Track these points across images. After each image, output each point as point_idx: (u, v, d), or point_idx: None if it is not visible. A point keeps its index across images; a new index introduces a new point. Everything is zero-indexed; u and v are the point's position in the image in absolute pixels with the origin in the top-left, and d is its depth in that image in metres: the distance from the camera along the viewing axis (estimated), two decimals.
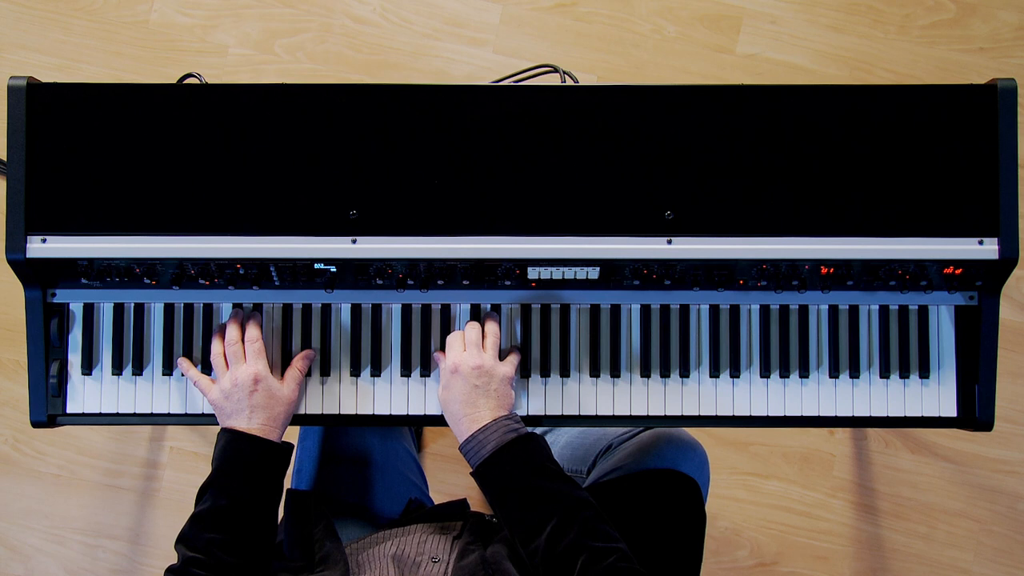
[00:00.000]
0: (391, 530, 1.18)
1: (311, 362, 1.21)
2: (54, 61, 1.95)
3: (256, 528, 1.08)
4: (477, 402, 1.11)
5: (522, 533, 1.04)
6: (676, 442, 1.30)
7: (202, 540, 1.04)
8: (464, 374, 1.12)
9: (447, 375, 1.14)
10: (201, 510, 1.07)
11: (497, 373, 1.13)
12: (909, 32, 1.96)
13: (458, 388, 1.12)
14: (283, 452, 1.13)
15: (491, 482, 1.07)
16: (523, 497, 1.04)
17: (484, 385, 1.11)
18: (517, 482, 1.05)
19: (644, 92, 1.15)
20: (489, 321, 1.19)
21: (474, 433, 1.09)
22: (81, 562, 1.90)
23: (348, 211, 1.13)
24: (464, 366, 1.12)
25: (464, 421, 1.10)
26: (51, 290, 1.20)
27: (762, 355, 1.21)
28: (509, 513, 1.05)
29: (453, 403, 1.12)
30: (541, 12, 1.97)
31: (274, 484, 1.11)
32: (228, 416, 1.13)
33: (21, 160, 1.12)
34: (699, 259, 1.14)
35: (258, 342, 1.16)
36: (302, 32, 1.97)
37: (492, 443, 1.07)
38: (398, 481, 1.36)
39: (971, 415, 1.20)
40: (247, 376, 1.13)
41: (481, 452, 1.07)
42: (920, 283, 1.17)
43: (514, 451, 1.06)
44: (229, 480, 1.08)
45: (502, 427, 1.08)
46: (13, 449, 1.91)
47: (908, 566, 1.90)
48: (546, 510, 1.02)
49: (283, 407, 1.15)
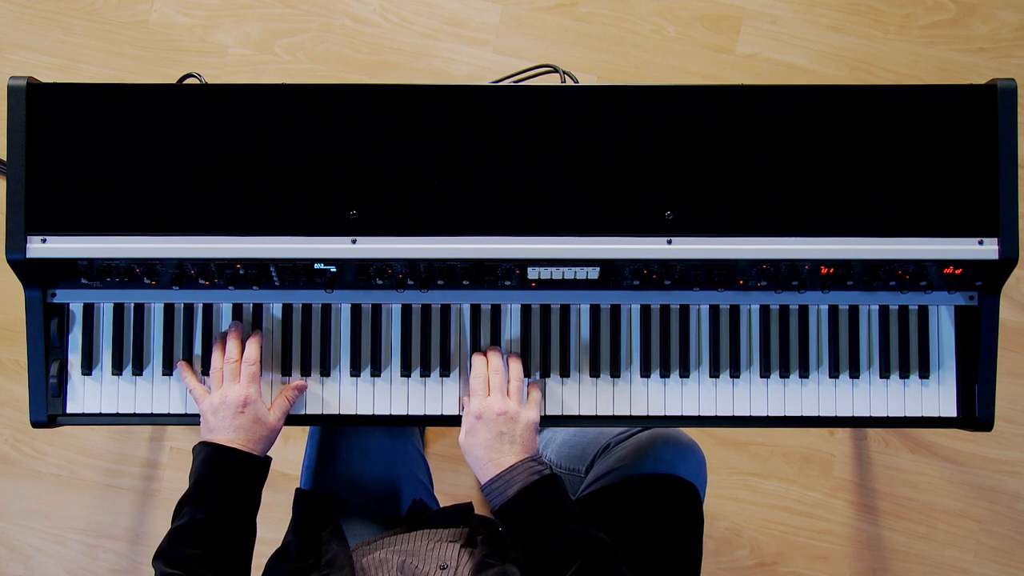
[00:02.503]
0: (397, 535, 1.18)
1: (302, 393, 1.21)
2: (54, 61, 1.95)
3: (235, 541, 1.09)
4: (502, 448, 1.10)
5: (543, 572, 1.05)
6: (674, 444, 1.30)
7: (181, 556, 1.04)
8: (488, 420, 1.11)
9: (471, 420, 1.13)
10: (179, 525, 1.06)
11: (522, 419, 1.12)
12: (909, 32, 1.96)
13: (483, 435, 1.11)
14: (262, 465, 1.14)
15: (515, 521, 1.08)
16: (546, 537, 1.05)
17: (509, 432, 1.11)
18: (541, 522, 1.06)
19: (644, 92, 1.15)
20: (513, 362, 1.18)
21: (500, 474, 1.09)
22: (81, 562, 1.90)
23: (348, 211, 1.13)
24: (489, 412, 1.12)
25: (489, 466, 1.10)
26: (51, 290, 1.20)
27: (762, 355, 1.21)
28: (531, 552, 1.06)
29: (477, 448, 1.12)
30: (541, 12, 1.97)
31: (253, 497, 1.12)
32: (211, 430, 1.14)
33: (21, 160, 1.12)
34: (699, 259, 1.14)
35: (255, 365, 1.16)
36: (302, 32, 1.97)
37: (518, 484, 1.07)
38: (405, 480, 1.36)
39: (971, 415, 1.20)
40: (237, 397, 1.13)
41: (506, 493, 1.08)
42: (920, 283, 1.17)
43: (539, 492, 1.07)
44: (208, 494, 1.08)
45: (527, 468, 1.09)
46: (13, 449, 1.91)
47: (908, 566, 1.90)
48: (569, 552, 1.04)
49: (266, 432, 1.15)
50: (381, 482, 1.33)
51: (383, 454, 1.34)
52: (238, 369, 1.16)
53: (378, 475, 1.33)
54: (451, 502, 1.31)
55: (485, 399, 1.13)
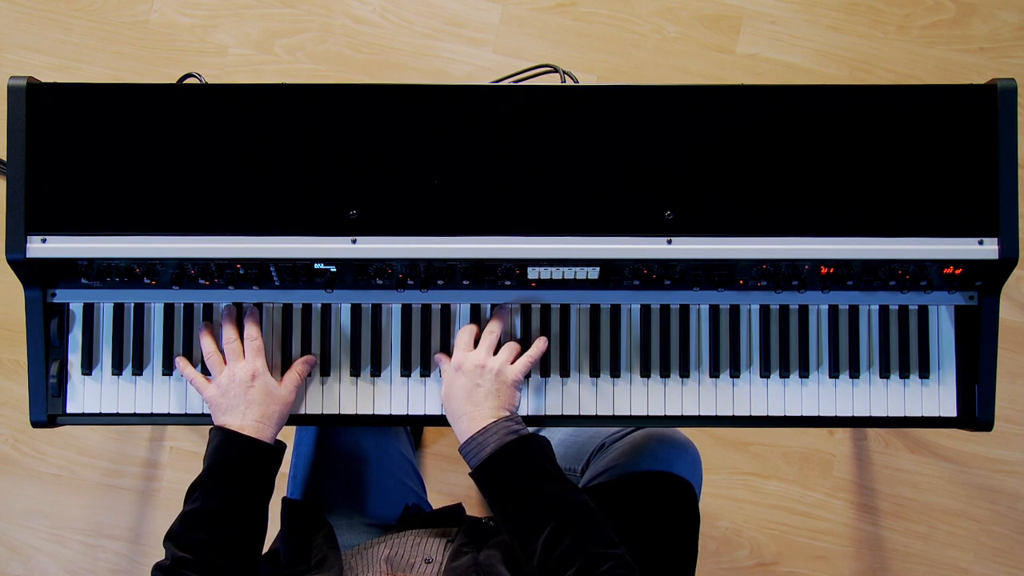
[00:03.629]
0: (387, 536, 1.18)
1: (312, 368, 1.20)
2: (54, 61, 1.95)
3: (246, 529, 1.08)
4: (478, 400, 1.10)
5: (520, 536, 1.03)
6: (669, 442, 1.30)
7: (192, 540, 1.04)
8: (467, 371, 1.12)
9: (450, 372, 1.14)
10: (191, 509, 1.06)
11: (500, 372, 1.12)
12: (909, 32, 1.96)
13: (460, 386, 1.12)
14: (276, 452, 1.12)
15: (489, 484, 1.06)
16: (521, 500, 1.04)
17: (486, 384, 1.11)
18: (515, 484, 1.04)
19: (644, 92, 1.15)
20: (494, 319, 1.18)
21: (474, 435, 1.08)
22: (81, 562, 1.90)
23: (348, 211, 1.13)
24: (467, 364, 1.12)
25: (464, 420, 1.10)
26: (51, 290, 1.20)
27: (762, 355, 1.21)
28: (507, 515, 1.05)
29: (454, 400, 1.12)
30: (541, 12, 1.97)
31: (265, 485, 1.11)
32: (223, 412, 1.12)
33: (21, 160, 1.12)
34: (699, 259, 1.14)
35: (257, 340, 1.15)
36: (302, 32, 1.97)
37: (492, 445, 1.06)
38: (394, 486, 1.35)
39: (971, 415, 1.20)
40: (245, 372, 1.13)
41: (480, 454, 1.07)
42: (920, 283, 1.17)
43: (514, 453, 1.06)
44: (220, 481, 1.07)
45: (502, 428, 1.07)
46: (13, 449, 1.91)
47: (908, 566, 1.90)
48: (544, 513, 1.02)
49: (279, 406, 1.14)
50: (369, 488, 1.31)
51: (370, 460, 1.33)
52: (240, 347, 1.15)
53: (366, 481, 1.31)
54: (448, 502, 1.31)
55: (468, 352, 1.13)
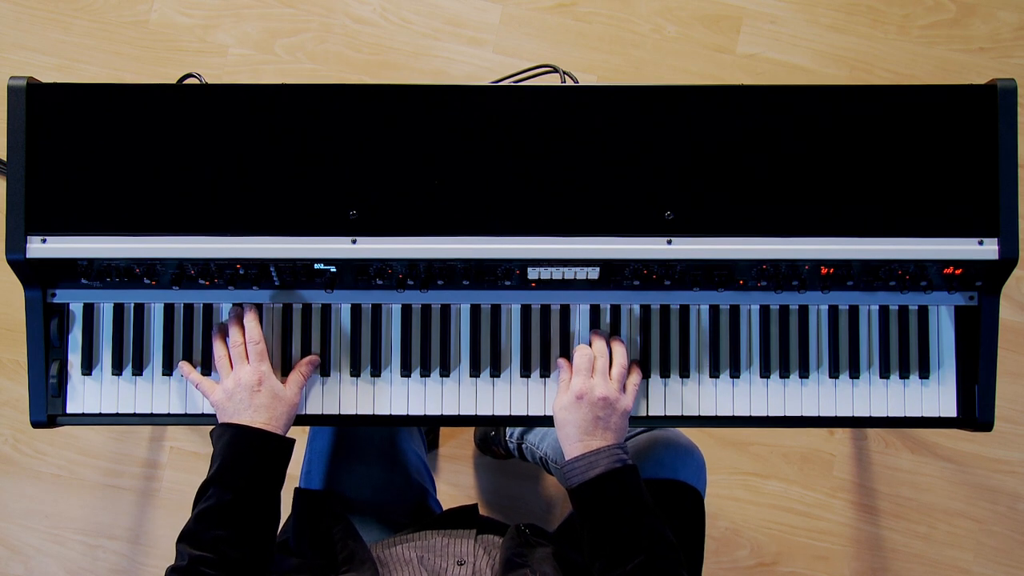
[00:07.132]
0: (409, 534, 1.18)
1: (315, 368, 1.21)
2: (54, 61, 1.95)
3: (262, 520, 1.09)
4: (596, 433, 1.12)
5: (604, 558, 1.05)
6: (674, 447, 1.30)
7: (209, 537, 1.04)
8: (589, 403, 1.12)
9: (571, 398, 1.13)
10: (206, 507, 1.06)
11: (620, 407, 1.13)
12: (909, 32, 1.96)
13: (580, 415, 1.12)
14: (288, 445, 1.13)
15: (589, 503, 1.09)
16: (619, 527, 1.06)
17: (606, 418, 1.12)
18: (616, 510, 1.07)
19: (644, 92, 1.15)
20: (617, 345, 1.18)
21: (585, 453, 1.10)
22: (81, 562, 1.90)
23: (348, 211, 1.13)
24: (591, 395, 1.12)
25: (577, 445, 1.11)
26: (51, 290, 1.20)
27: (762, 355, 1.21)
28: (598, 536, 1.07)
29: (570, 426, 1.13)
30: (541, 12, 1.97)
31: (279, 475, 1.12)
32: (230, 416, 1.13)
33: (21, 160, 1.12)
34: (699, 259, 1.14)
35: (260, 344, 1.16)
36: (302, 32, 1.97)
37: (601, 467, 1.08)
38: (406, 483, 1.36)
39: (971, 415, 1.20)
40: (251, 377, 1.13)
41: (587, 473, 1.09)
42: (920, 283, 1.17)
43: (620, 480, 1.08)
44: (234, 474, 1.07)
45: (613, 455, 1.09)
46: (13, 449, 1.91)
47: (908, 566, 1.90)
48: (636, 545, 1.04)
49: (285, 408, 1.15)
50: (382, 485, 1.33)
51: (383, 457, 1.34)
52: (245, 351, 1.16)
53: (379, 478, 1.33)
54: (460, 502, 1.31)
55: (589, 379, 1.14)
